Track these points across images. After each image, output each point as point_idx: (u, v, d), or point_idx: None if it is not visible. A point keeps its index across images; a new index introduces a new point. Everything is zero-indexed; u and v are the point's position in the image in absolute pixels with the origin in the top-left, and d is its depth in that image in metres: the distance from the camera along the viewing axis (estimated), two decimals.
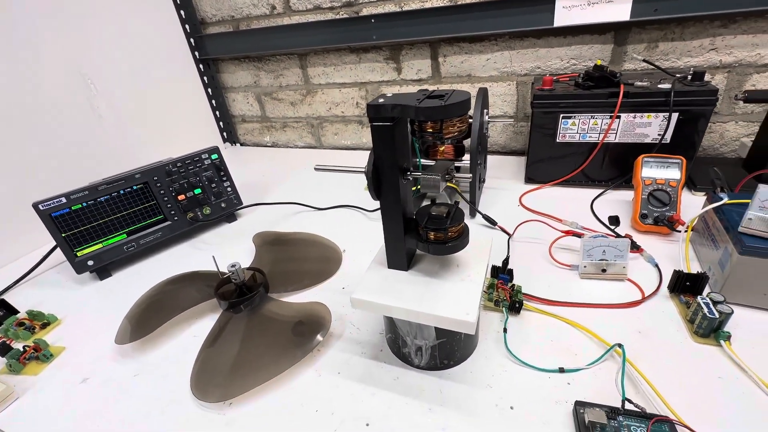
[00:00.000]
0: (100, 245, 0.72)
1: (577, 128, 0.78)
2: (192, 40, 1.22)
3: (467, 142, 0.74)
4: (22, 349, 0.55)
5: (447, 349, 0.46)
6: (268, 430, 0.43)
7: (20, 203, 0.75)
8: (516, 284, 0.57)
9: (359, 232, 0.79)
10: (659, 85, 0.73)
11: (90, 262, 0.70)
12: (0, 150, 0.79)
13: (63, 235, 0.67)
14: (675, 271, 0.53)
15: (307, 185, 1.02)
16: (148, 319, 0.59)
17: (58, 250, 0.70)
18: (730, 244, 0.50)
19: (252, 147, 1.43)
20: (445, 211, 0.42)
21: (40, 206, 0.65)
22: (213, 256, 0.61)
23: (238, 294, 0.59)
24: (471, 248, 0.45)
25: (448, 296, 0.42)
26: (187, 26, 1.20)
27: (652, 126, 0.74)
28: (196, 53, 1.24)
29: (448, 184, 0.83)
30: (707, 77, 0.77)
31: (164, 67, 1.15)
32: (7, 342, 0.57)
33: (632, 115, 0.74)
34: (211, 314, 0.60)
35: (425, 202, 0.85)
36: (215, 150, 0.83)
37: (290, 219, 0.87)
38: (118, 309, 0.62)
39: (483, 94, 0.76)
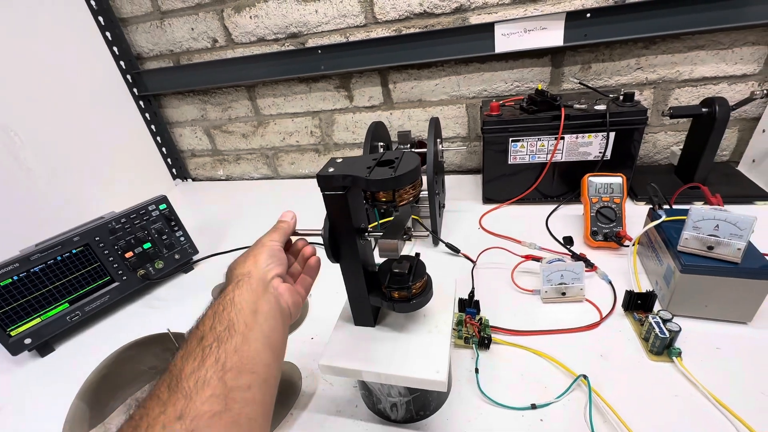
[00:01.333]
0: (38, 320, 0.65)
1: (526, 150, 0.82)
2: (129, 76, 1.15)
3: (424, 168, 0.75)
4: None
5: (422, 401, 0.45)
6: None
7: None
8: (483, 317, 0.58)
9: (323, 272, 0.77)
10: (596, 107, 0.77)
11: (27, 341, 0.64)
12: None
13: None
14: (626, 291, 0.56)
15: (266, 221, 0.99)
16: (103, 396, 0.54)
17: None
18: (672, 261, 0.53)
19: (205, 182, 1.37)
20: (407, 267, 0.42)
21: None
22: (168, 329, 0.57)
23: None
24: (436, 296, 0.45)
25: (417, 353, 0.41)
26: (122, 63, 1.13)
27: (593, 145, 0.78)
28: (135, 90, 1.18)
29: (412, 216, 0.83)
30: (637, 94, 0.83)
31: (100, 107, 1.08)
32: None
33: (575, 135, 0.78)
34: None
35: None
36: (164, 200, 0.78)
37: None
38: (65, 388, 0.55)
39: (435, 123, 0.78)
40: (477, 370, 0.50)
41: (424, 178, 0.76)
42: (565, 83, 0.92)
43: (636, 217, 0.73)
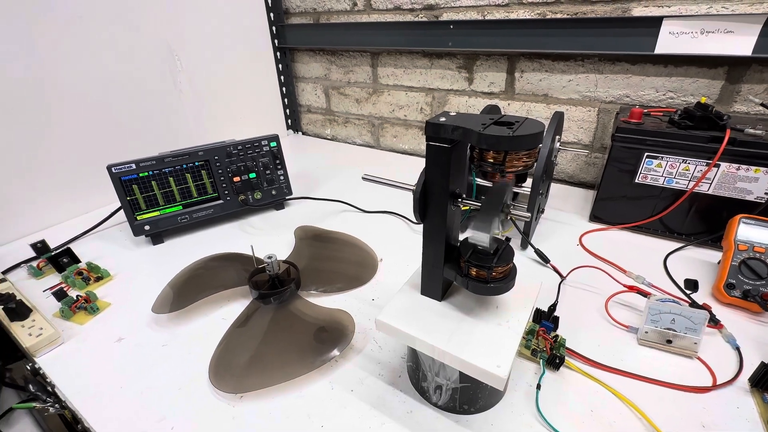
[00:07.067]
0: (157, 213, 0.76)
1: (663, 171, 0.69)
2: (274, 28, 1.27)
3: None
4: (75, 298, 0.60)
5: (469, 395, 0.42)
6: None
7: (96, 163, 0.82)
8: (560, 336, 0.51)
9: (400, 242, 0.76)
10: None
11: (147, 227, 0.75)
12: (86, 111, 0.87)
13: (128, 198, 0.73)
14: (762, 363, 0.44)
15: (357, 184, 1.01)
16: (187, 291, 0.61)
17: (121, 210, 0.75)
18: None
19: (312, 137, 1.46)
20: (493, 247, 0.38)
21: (113, 169, 0.70)
22: (251, 246, 0.62)
23: (270, 285, 0.60)
24: (516, 290, 0.41)
25: (481, 341, 0.38)
26: (271, 14, 1.25)
27: (759, 182, 0.63)
28: (276, 41, 1.29)
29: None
30: None
31: (245, 50, 1.21)
32: (65, 288, 0.62)
33: (735, 166, 0.63)
34: (242, 299, 0.61)
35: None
36: (275, 138, 0.85)
37: (335, 217, 0.86)
38: (163, 275, 0.65)
39: (558, 118, 0.70)
40: (539, 386, 0.45)
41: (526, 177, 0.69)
42: (738, 104, 0.75)
43: None
